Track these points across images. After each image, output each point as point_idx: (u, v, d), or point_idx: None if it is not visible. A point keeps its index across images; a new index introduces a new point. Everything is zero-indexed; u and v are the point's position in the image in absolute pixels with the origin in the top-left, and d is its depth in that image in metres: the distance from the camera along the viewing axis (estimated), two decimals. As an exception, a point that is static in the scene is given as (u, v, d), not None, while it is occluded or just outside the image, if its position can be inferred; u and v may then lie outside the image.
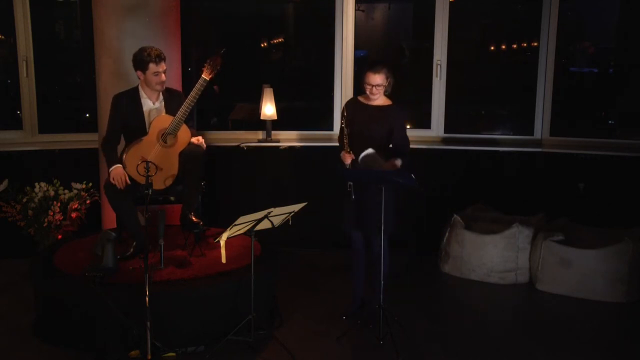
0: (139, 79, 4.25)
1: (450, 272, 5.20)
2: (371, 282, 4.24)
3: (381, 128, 4.08)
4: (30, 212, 5.09)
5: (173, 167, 4.24)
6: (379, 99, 4.13)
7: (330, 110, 6.11)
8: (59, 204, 5.10)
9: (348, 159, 4.06)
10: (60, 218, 5.09)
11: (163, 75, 4.20)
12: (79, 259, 4.14)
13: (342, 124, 4.15)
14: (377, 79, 4.02)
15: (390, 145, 4.15)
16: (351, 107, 4.16)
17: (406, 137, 4.16)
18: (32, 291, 4.15)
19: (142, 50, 4.17)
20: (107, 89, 4.86)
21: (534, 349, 3.92)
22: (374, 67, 4.04)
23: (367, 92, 4.09)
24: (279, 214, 3.68)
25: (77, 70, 6.34)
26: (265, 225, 3.69)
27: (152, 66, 4.15)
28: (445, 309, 4.63)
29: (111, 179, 4.07)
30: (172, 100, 4.33)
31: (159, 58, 4.16)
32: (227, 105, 6.51)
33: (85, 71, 6.02)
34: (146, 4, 4.86)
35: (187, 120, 4.27)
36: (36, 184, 5.14)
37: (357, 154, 4.03)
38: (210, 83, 4.26)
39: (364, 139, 4.06)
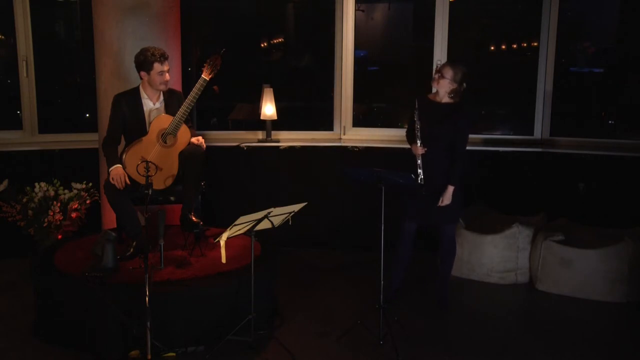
0: (142, 79, 4.26)
1: (450, 272, 5.20)
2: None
3: (444, 127, 4.19)
4: (30, 212, 5.08)
5: (173, 167, 4.25)
6: (445, 97, 4.24)
7: (330, 110, 6.11)
8: (59, 204, 5.10)
9: (420, 151, 4.17)
10: (60, 218, 5.09)
11: (167, 74, 4.22)
12: (79, 259, 4.14)
13: (413, 116, 4.21)
14: (444, 69, 4.20)
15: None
16: (420, 102, 4.26)
17: (463, 142, 4.25)
18: (32, 291, 4.15)
19: (145, 50, 4.18)
20: (107, 89, 4.87)
21: (533, 348, 3.92)
22: (452, 62, 4.29)
23: (433, 80, 4.26)
24: (279, 214, 3.68)
25: (77, 70, 6.35)
26: (265, 225, 3.69)
27: (157, 65, 4.16)
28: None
29: (111, 179, 4.07)
30: (172, 101, 4.34)
31: (163, 57, 4.17)
32: (227, 105, 6.51)
33: (85, 71, 6.02)
34: (146, 4, 4.86)
35: (187, 121, 4.28)
36: (36, 184, 5.14)
37: (428, 152, 4.20)
38: (210, 83, 4.26)
39: (427, 136, 4.19)
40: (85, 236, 4.71)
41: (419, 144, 4.17)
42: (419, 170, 4.17)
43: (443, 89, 4.23)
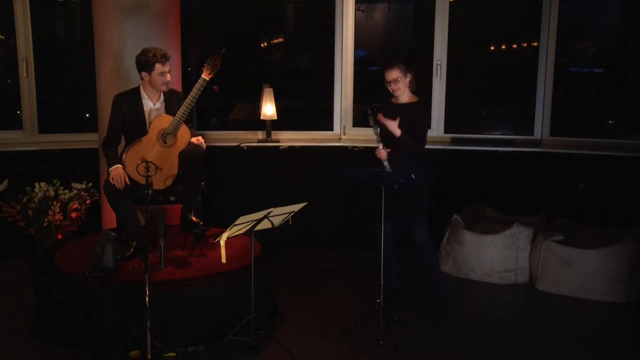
0: (143, 79, 4.25)
1: (450, 272, 5.20)
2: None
3: (407, 125, 4.19)
4: (30, 212, 5.08)
5: (173, 167, 4.25)
6: (405, 96, 4.31)
7: (330, 110, 6.11)
8: (59, 204, 5.10)
9: (384, 153, 4.23)
10: (60, 218, 5.09)
11: (168, 75, 4.22)
12: (79, 259, 4.15)
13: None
14: (392, 74, 4.23)
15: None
16: (382, 108, 4.36)
17: (420, 134, 4.27)
18: (32, 291, 4.15)
19: (146, 51, 4.17)
20: (107, 89, 4.87)
21: (533, 348, 3.92)
22: (388, 64, 4.28)
23: (390, 91, 4.31)
24: (279, 214, 3.68)
25: (77, 70, 6.35)
26: (265, 225, 3.69)
27: (158, 66, 4.16)
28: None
29: (111, 179, 4.07)
30: (172, 101, 4.34)
31: (165, 58, 4.17)
32: (227, 105, 6.51)
33: (85, 71, 6.02)
34: (146, 4, 4.86)
35: (187, 121, 4.28)
36: (36, 184, 5.14)
37: (391, 153, 4.24)
38: (210, 83, 4.26)
39: (391, 138, 4.22)
40: (85, 236, 4.71)
41: (381, 147, 4.24)
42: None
43: (404, 89, 4.28)
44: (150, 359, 3.42)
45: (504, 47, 6.37)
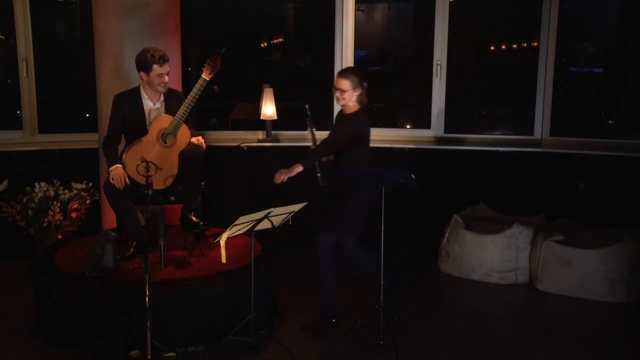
0: (142, 79, 4.25)
1: (450, 272, 5.20)
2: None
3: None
4: (30, 212, 5.08)
5: (173, 167, 4.25)
6: (349, 107, 4.16)
7: (330, 111, 6.11)
8: (59, 204, 5.10)
9: (280, 177, 4.12)
10: (60, 218, 5.09)
11: (166, 77, 4.21)
12: (78, 259, 4.14)
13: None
14: (340, 84, 4.07)
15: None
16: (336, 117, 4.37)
17: (332, 138, 4.17)
18: (32, 291, 4.15)
19: (145, 51, 4.17)
20: (107, 89, 4.87)
21: (533, 348, 3.92)
22: (342, 72, 4.13)
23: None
24: (279, 214, 3.68)
25: (77, 70, 6.35)
26: (265, 225, 3.69)
27: (155, 67, 4.15)
28: (445, 309, 4.63)
29: (111, 179, 4.07)
30: (172, 101, 4.34)
31: (163, 59, 4.16)
32: (227, 105, 6.51)
33: (85, 71, 6.02)
34: (146, 4, 4.86)
35: (187, 121, 4.28)
36: (36, 184, 5.14)
37: (333, 160, 4.28)
38: (210, 83, 4.26)
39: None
40: (85, 236, 4.71)
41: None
42: (318, 175, 4.32)
43: (350, 101, 4.12)
44: (150, 359, 3.42)
45: (504, 47, 6.38)
